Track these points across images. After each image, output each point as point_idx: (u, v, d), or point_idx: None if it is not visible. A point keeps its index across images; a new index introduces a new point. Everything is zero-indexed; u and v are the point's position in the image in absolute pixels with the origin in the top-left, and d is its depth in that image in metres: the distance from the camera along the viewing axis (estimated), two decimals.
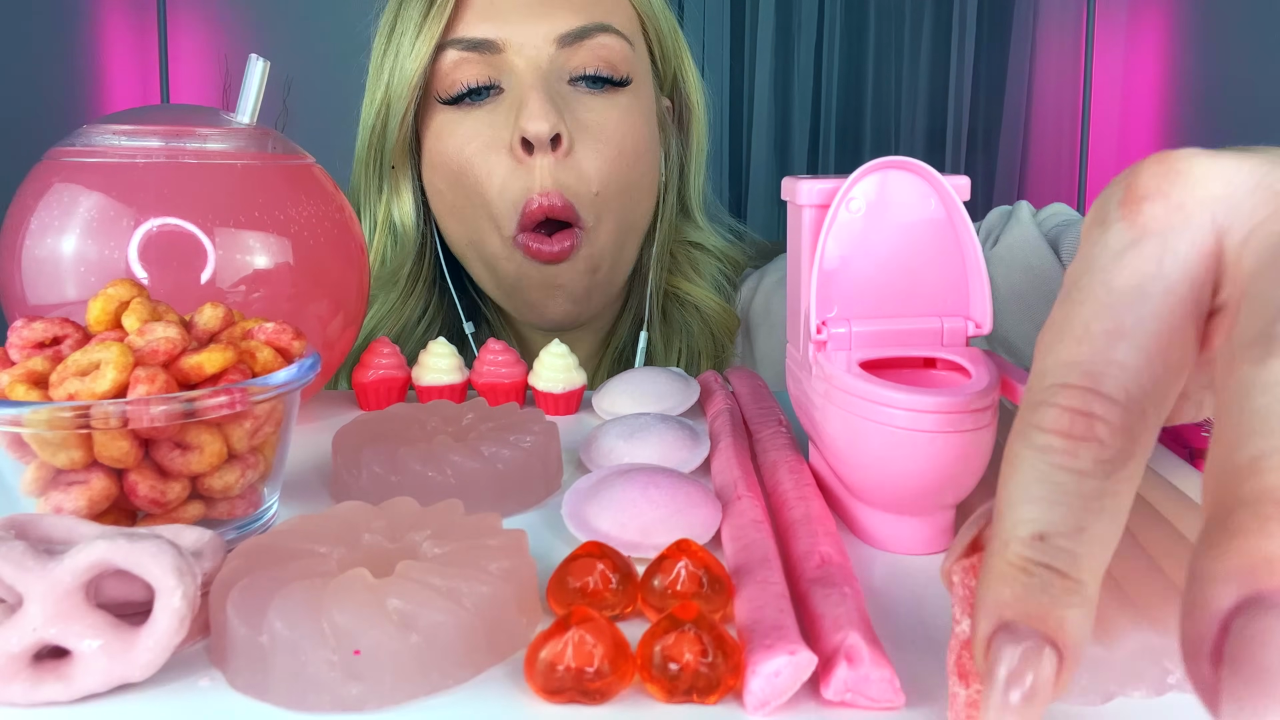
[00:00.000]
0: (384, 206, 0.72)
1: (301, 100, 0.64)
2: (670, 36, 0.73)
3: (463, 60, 0.65)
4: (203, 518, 0.36)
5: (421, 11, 0.65)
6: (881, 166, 0.39)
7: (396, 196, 0.71)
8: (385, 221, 0.72)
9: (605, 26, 0.65)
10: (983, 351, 0.39)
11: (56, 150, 0.49)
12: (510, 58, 0.65)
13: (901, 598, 0.34)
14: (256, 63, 0.51)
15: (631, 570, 0.32)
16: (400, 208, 0.71)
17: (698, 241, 0.77)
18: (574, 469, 0.47)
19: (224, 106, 0.52)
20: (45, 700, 0.27)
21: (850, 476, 0.38)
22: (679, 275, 0.76)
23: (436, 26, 0.64)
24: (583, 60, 0.65)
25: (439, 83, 0.66)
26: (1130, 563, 0.32)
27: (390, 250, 0.72)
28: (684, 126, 0.77)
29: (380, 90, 0.68)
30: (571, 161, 0.65)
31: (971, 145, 2.84)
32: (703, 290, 0.76)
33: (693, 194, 0.77)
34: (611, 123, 0.66)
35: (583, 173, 0.65)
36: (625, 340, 0.78)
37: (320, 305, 0.51)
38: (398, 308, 0.73)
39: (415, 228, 0.71)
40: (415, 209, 0.71)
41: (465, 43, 0.65)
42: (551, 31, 0.64)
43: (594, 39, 0.65)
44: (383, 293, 0.73)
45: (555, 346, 0.56)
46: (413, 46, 0.65)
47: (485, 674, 0.29)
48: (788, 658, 0.26)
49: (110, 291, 0.37)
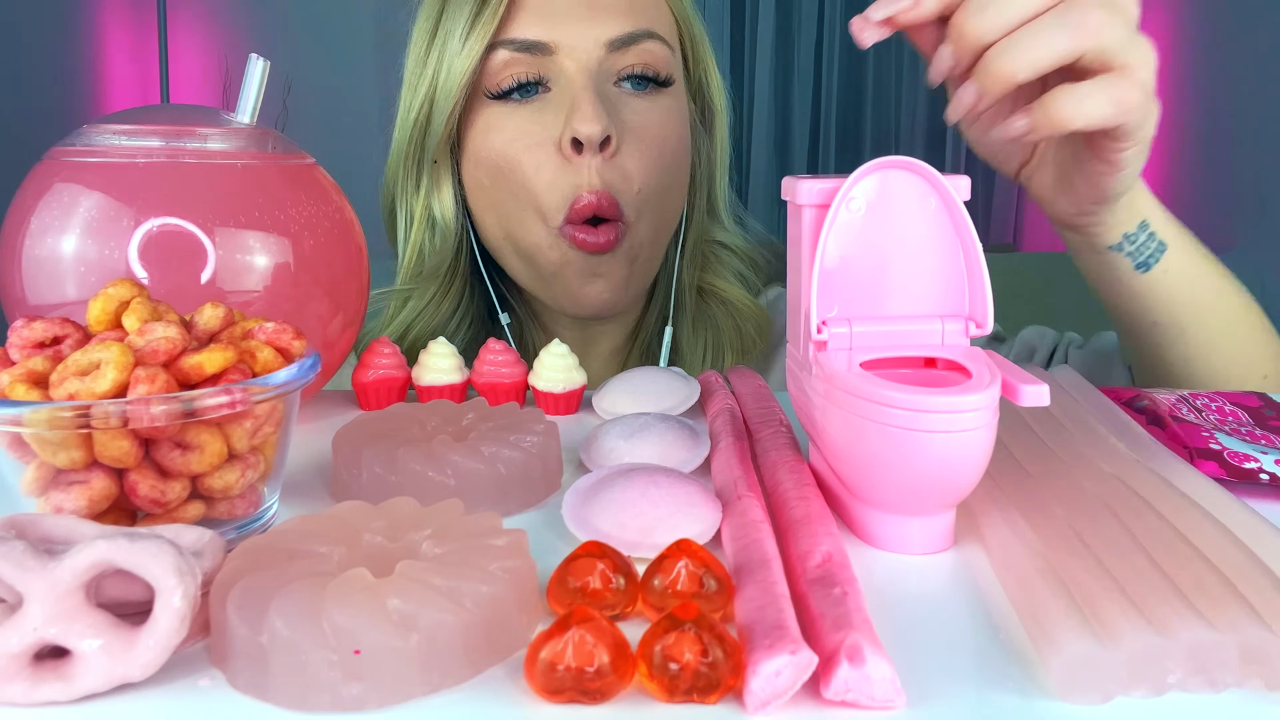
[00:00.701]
0: (422, 201, 0.73)
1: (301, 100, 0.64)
2: (700, 42, 0.75)
3: (513, 60, 0.67)
4: (203, 518, 0.36)
5: (473, 11, 0.66)
6: (881, 166, 0.39)
7: (437, 191, 0.72)
8: (423, 216, 0.73)
9: (651, 33, 0.68)
10: (983, 351, 0.39)
11: (56, 150, 0.49)
12: (561, 60, 0.66)
13: (901, 598, 0.34)
14: (256, 63, 0.51)
15: (632, 570, 0.32)
16: (441, 202, 0.72)
17: (723, 240, 0.80)
18: (574, 469, 0.47)
19: (224, 106, 0.52)
20: (45, 700, 0.27)
21: (850, 476, 0.38)
22: (709, 272, 0.79)
23: (490, 27, 0.66)
24: (629, 62, 0.67)
25: (487, 79, 0.67)
26: (1130, 563, 0.32)
27: (429, 244, 0.74)
28: (708, 129, 0.79)
29: (424, 86, 0.70)
30: (617, 161, 0.67)
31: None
32: (734, 286, 0.78)
33: (719, 195, 0.80)
34: (654, 125, 0.68)
35: (627, 172, 0.67)
36: (651, 334, 0.80)
37: (320, 305, 0.51)
38: (435, 301, 0.74)
39: (455, 221, 0.73)
40: (455, 203, 0.72)
41: (517, 44, 0.66)
42: (602, 35, 0.66)
43: (641, 44, 0.67)
44: (420, 288, 0.74)
45: (555, 346, 0.56)
46: (463, 45, 0.67)
47: (485, 674, 0.29)
48: (788, 657, 0.26)
49: (110, 291, 0.37)
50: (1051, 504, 0.37)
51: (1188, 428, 0.46)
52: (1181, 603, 0.29)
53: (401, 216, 0.75)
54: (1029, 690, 0.28)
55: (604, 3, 0.67)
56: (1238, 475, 0.42)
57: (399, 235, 0.75)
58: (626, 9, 0.67)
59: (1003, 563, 0.35)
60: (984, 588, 0.34)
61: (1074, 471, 0.41)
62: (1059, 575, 0.32)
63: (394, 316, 0.74)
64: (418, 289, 0.74)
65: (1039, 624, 0.30)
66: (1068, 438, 0.45)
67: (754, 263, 0.81)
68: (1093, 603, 0.30)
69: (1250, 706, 0.28)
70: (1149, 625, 0.28)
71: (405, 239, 0.74)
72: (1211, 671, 0.28)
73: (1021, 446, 0.44)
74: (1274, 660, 0.28)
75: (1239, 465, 0.43)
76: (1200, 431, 0.46)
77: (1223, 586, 0.30)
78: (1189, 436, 0.45)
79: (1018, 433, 0.46)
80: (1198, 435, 0.45)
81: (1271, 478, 0.42)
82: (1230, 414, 0.51)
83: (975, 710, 0.27)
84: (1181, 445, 0.45)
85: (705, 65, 0.76)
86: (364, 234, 0.56)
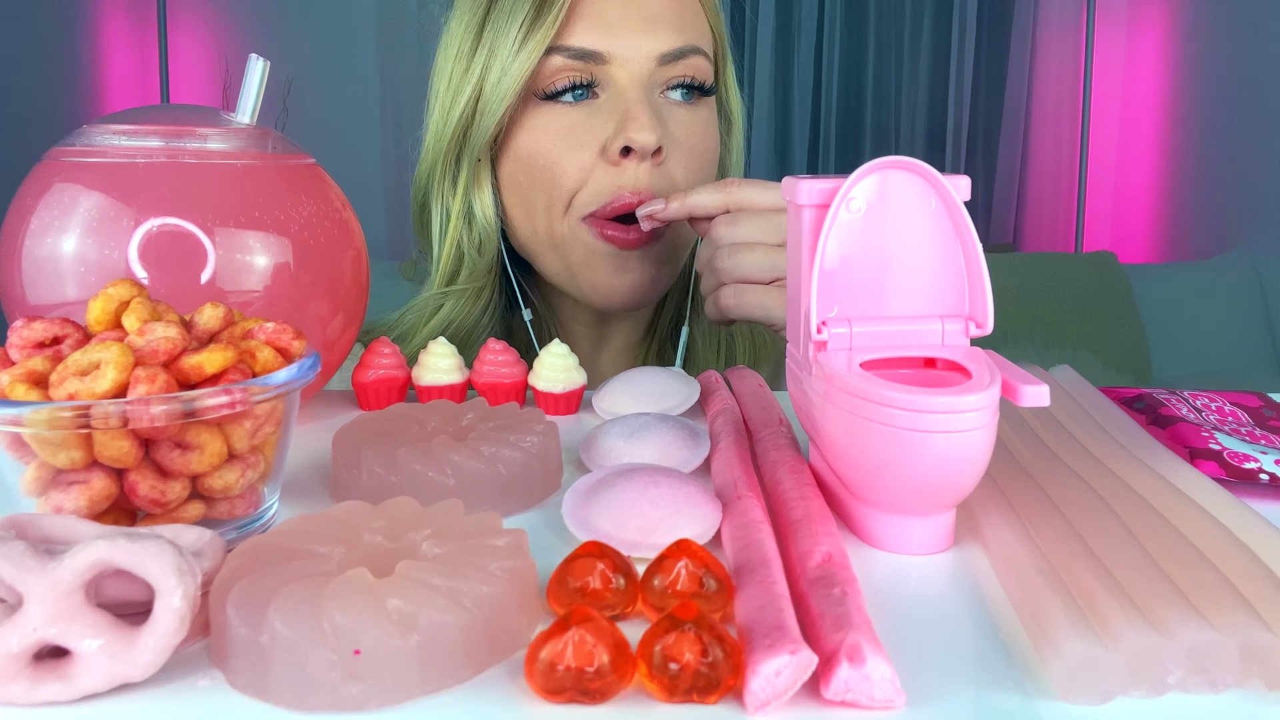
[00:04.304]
0: (460, 199, 0.74)
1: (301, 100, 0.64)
2: (726, 54, 0.78)
3: (566, 67, 0.68)
4: (203, 518, 0.36)
5: (529, 15, 0.68)
6: (881, 166, 0.39)
7: (478, 189, 0.73)
8: (461, 213, 0.74)
9: (698, 48, 0.70)
10: (983, 351, 0.39)
11: (56, 150, 0.49)
12: (613, 70, 0.68)
13: (901, 598, 0.34)
14: (256, 63, 0.51)
15: (632, 570, 0.32)
16: (482, 199, 0.74)
17: None
18: (574, 469, 0.47)
19: (224, 106, 0.52)
20: (45, 700, 0.27)
21: (850, 476, 0.38)
22: None
23: (550, 32, 0.67)
24: (678, 73, 0.70)
25: (538, 81, 0.69)
26: (1130, 563, 0.32)
27: (466, 241, 0.75)
28: (726, 137, 0.81)
29: (470, 86, 0.70)
30: (665, 169, 0.69)
31: (971, 145, 2.84)
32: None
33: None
34: (696, 135, 0.71)
35: (672, 179, 0.69)
36: (665, 334, 0.82)
37: (320, 305, 0.51)
38: (471, 297, 0.76)
39: (495, 218, 0.74)
40: (494, 201, 0.74)
41: (573, 51, 0.68)
42: (655, 49, 0.68)
43: (688, 59, 0.70)
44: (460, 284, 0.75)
45: (556, 346, 0.56)
46: (520, 48, 0.68)
47: (485, 674, 0.29)
48: (788, 657, 0.26)
49: (110, 291, 0.37)
50: (1051, 504, 0.37)
51: (1188, 428, 0.46)
52: (1181, 603, 0.29)
53: (437, 214, 0.75)
54: (1029, 690, 0.28)
55: (657, 16, 0.69)
56: (1238, 475, 0.42)
57: (433, 232, 0.76)
58: (677, 23, 0.69)
59: (1003, 563, 0.35)
60: (984, 588, 0.34)
61: (1074, 471, 0.41)
62: (1059, 575, 0.32)
63: (430, 316, 0.75)
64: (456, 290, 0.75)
65: (1039, 624, 0.30)
66: (1068, 438, 0.45)
67: None
68: (1093, 603, 0.30)
69: (1250, 706, 0.28)
70: (1149, 625, 0.28)
71: (441, 236, 0.75)
72: (1211, 671, 0.28)
73: (1021, 446, 0.44)
74: (1274, 660, 0.28)
75: (1239, 465, 0.43)
76: (1200, 431, 0.46)
77: (1223, 586, 0.30)
78: (1189, 436, 0.45)
79: (1018, 433, 0.46)
80: (1198, 435, 0.45)
81: (1271, 478, 0.42)
82: (1230, 414, 0.51)
83: (975, 710, 0.27)
84: (1181, 445, 0.45)
85: (727, 76, 0.78)
86: (364, 234, 0.56)
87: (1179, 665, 0.28)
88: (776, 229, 0.62)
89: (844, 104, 2.81)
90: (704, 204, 0.64)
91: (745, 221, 0.62)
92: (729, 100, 0.79)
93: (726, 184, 0.64)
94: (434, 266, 0.76)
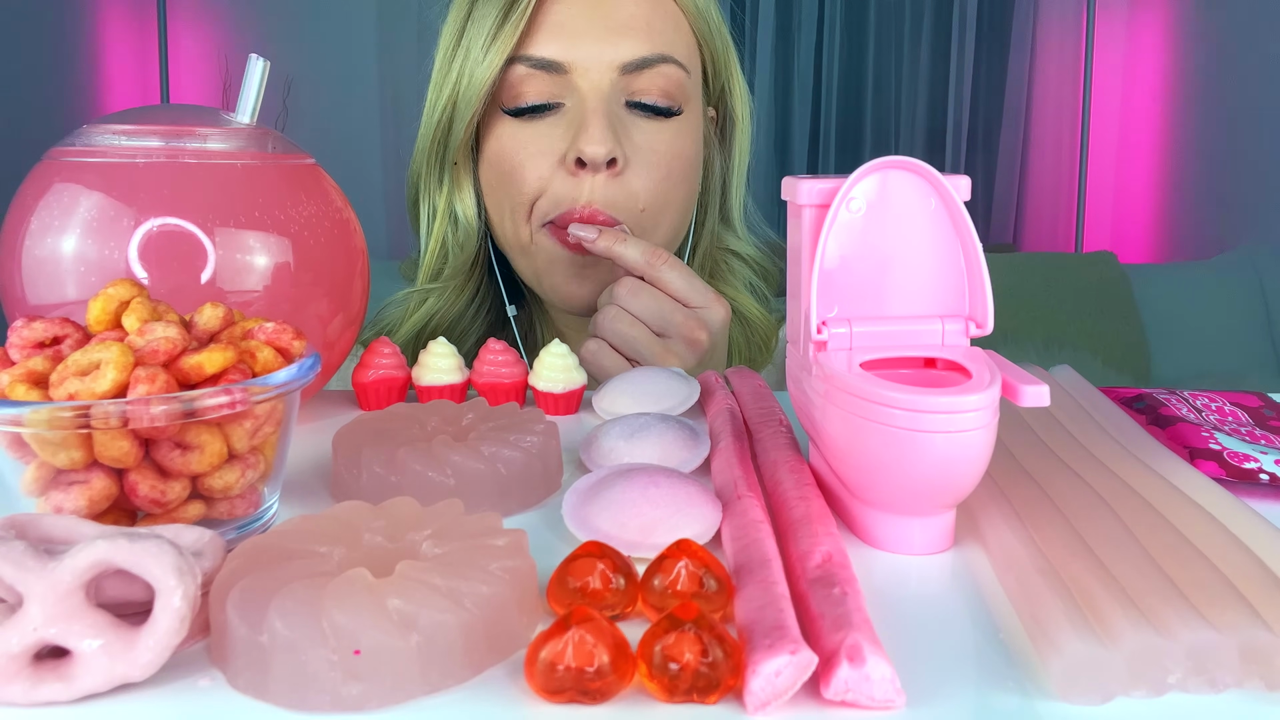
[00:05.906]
0: (444, 198, 0.75)
1: (301, 100, 0.64)
2: (723, 53, 0.77)
3: (529, 75, 0.68)
4: (203, 518, 0.36)
5: (495, 23, 0.68)
6: (881, 166, 0.39)
7: (458, 190, 0.75)
8: (445, 212, 0.75)
9: (667, 57, 0.69)
10: (983, 351, 0.39)
11: (56, 150, 0.49)
12: (575, 79, 0.68)
13: (901, 598, 0.34)
14: (256, 63, 0.51)
15: (632, 570, 0.32)
16: (462, 200, 0.75)
17: (735, 249, 0.82)
18: (574, 469, 0.47)
19: (224, 106, 0.52)
20: (45, 700, 0.27)
21: (850, 476, 0.38)
22: (719, 280, 0.81)
23: (509, 41, 0.67)
24: (643, 86, 0.69)
25: (505, 92, 0.69)
26: (1130, 563, 0.32)
27: (451, 238, 0.76)
28: (726, 137, 0.80)
29: (448, 90, 0.71)
30: (623, 180, 0.68)
31: (971, 145, 2.84)
32: (744, 295, 0.80)
33: (734, 204, 0.81)
34: (662, 146, 0.70)
35: (632, 191, 0.69)
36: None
37: (320, 305, 0.51)
38: (453, 294, 0.76)
39: (476, 218, 0.75)
40: (475, 201, 0.75)
41: (534, 61, 0.68)
42: (617, 58, 0.67)
43: (655, 68, 0.69)
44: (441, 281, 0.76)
45: (555, 346, 0.56)
46: (485, 56, 0.68)
47: (485, 674, 0.29)
48: (789, 657, 0.26)
49: (110, 291, 0.37)
50: (1051, 504, 0.37)
51: (1188, 428, 0.46)
52: (1181, 603, 0.29)
53: (425, 210, 0.77)
54: (1029, 690, 0.28)
55: (622, 24, 0.68)
56: (1237, 475, 0.42)
57: (421, 228, 0.77)
58: (645, 31, 0.68)
59: (1003, 563, 0.35)
60: (984, 588, 0.34)
61: (1074, 471, 0.41)
62: (1059, 575, 0.32)
63: (414, 311, 0.76)
64: (438, 287, 0.76)
65: (1039, 624, 0.30)
66: (1068, 438, 0.45)
67: (766, 272, 0.83)
68: (1093, 603, 0.30)
69: (1250, 706, 0.28)
70: (1149, 625, 0.28)
71: (428, 232, 0.77)
72: (1211, 671, 0.28)
73: (1021, 446, 0.44)
74: (1274, 660, 0.28)
75: (1239, 465, 0.43)
76: (1200, 431, 0.46)
77: (1223, 586, 0.30)
78: (1189, 436, 0.45)
79: (1018, 433, 0.46)
80: (1198, 435, 0.45)
81: (1271, 478, 0.42)
82: (1230, 414, 0.51)
83: (975, 710, 0.27)
84: (1181, 445, 0.45)
85: (729, 76, 0.77)
86: (364, 234, 0.56)
87: (1179, 665, 0.28)
88: (670, 322, 0.63)
89: (844, 104, 2.81)
90: (627, 258, 0.64)
91: (646, 296, 0.63)
92: (732, 100, 0.78)
93: (659, 254, 0.64)
94: (420, 261, 0.77)
